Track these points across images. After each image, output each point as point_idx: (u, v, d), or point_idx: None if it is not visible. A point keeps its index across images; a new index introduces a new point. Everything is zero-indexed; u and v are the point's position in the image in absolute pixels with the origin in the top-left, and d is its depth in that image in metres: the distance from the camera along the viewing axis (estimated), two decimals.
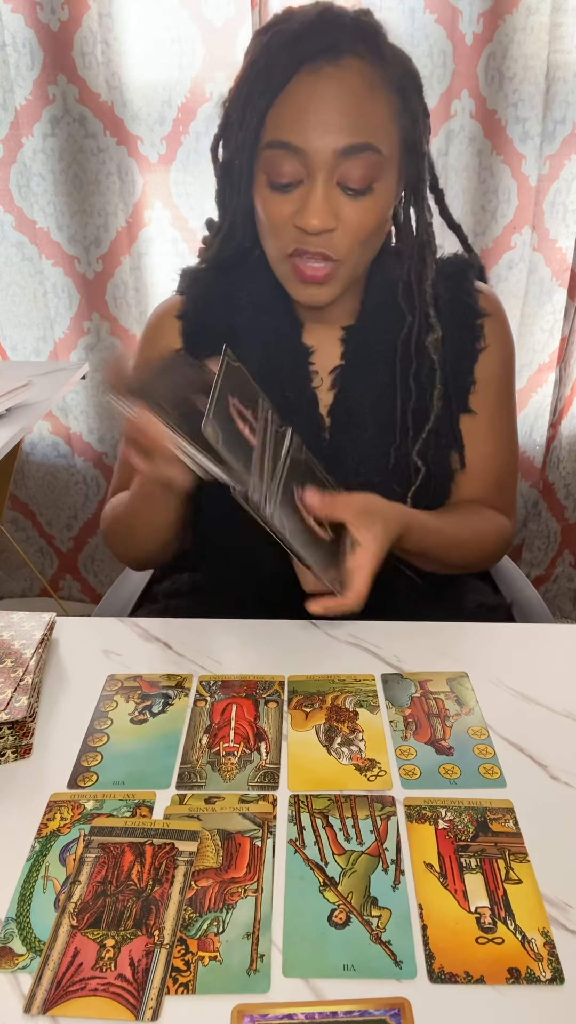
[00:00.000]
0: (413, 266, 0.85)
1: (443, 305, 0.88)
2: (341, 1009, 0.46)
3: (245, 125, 0.77)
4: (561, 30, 1.43)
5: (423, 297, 0.86)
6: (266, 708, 0.70)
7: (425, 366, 0.87)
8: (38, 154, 1.60)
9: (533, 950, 0.49)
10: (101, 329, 1.76)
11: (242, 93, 0.77)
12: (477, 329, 0.90)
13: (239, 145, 0.78)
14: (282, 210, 0.77)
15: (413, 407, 0.88)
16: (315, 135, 0.73)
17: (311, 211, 0.75)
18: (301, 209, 0.76)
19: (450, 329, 0.88)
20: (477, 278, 0.93)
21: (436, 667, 0.75)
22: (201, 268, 0.94)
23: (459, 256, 0.93)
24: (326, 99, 0.73)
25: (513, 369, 0.95)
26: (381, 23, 0.77)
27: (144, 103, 1.55)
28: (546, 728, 0.67)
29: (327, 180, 0.75)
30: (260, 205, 0.79)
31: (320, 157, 0.73)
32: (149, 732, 0.68)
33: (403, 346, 0.87)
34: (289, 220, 0.77)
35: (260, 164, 0.77)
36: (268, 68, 0.75)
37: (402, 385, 0.88)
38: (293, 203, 0.76)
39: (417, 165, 0.81)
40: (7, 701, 0.64)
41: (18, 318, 1.78)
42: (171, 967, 0.48)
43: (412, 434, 0.88)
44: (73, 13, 1.47)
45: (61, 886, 0.54)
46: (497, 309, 0.92)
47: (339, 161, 0.74)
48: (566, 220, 1.59)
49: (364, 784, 0.62)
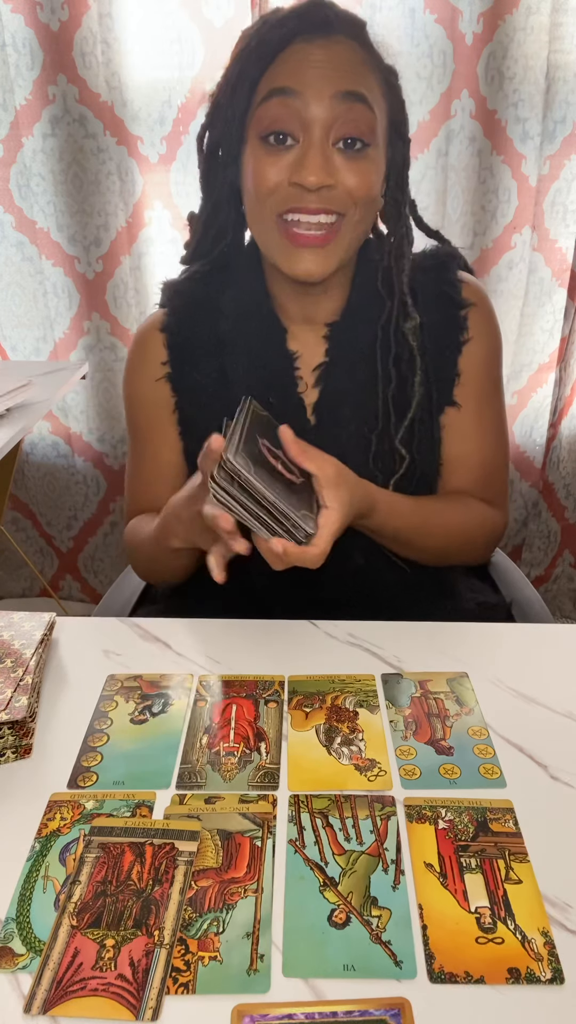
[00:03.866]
0: (393, 251, 0.86)
1: (425, 296, 0.88)
2: (341, 1009, 0.46)
3: (237, 94, 0.78)
4: (561, 30, 1.43)
5: (401, 284, 0.86)
6: (266, 708, 0.70)
7: (405, 353, 0.87)
8: (38, 154, 1.60)
9: (533, 950, 0.49)
10: (101, 329, 1.76)
11: (232, 74, 0.79)
12: (461, 320, 0.90)
13: (230, 116, 0.78)
14: (277, 169, 0.77)
15: (394, 393, 0.87)
16: (312, 78, 0.75)
17: (309, 167, 0.75)
18: (298, 167, 0.76)
19: (433, 320, 0.88)
20: (461, 269, 0.93)
21: (436, 667, 0.75)
22: (182, 279, 0.94)
23: (441, 248, 0.93)
24: (322, 56, 0.75)
25: (500, 360, 0.95)
26: (364, 20, 0.80)
27: (144, 103, 1.55)
28: (546, 728, 0.67)
29: (323, 137, 0.75)
30: (253, 169, 0.78)
31: (317, 106, 0.74)
32: (149, 732, 0.68)
33: (383, 331, 0.87)
34: (282, 182, 0.77)
35: (253, 126, 0.78)
36: (260, 44, 0.77)
37: (383, 371, 0.88)
38: (288, 164, 0.77)
39: (402, 149, 0.83)
40: (7, 701, 0.64)
41: (18, 318, 1.78)
42: (171, 967, 0.48)
43: (395, 420, 0.87)
44: (73, 13, 1.47)
45: (61, 886, 0.54)
46: (481, 299, 0.91)
47: (335, 111, 0.75)
48: (566, 220, 1.59)
49: (364, 784, 0.62)
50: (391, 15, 1.42)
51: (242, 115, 0.78)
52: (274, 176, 0.77)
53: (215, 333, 0.90)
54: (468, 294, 0.90)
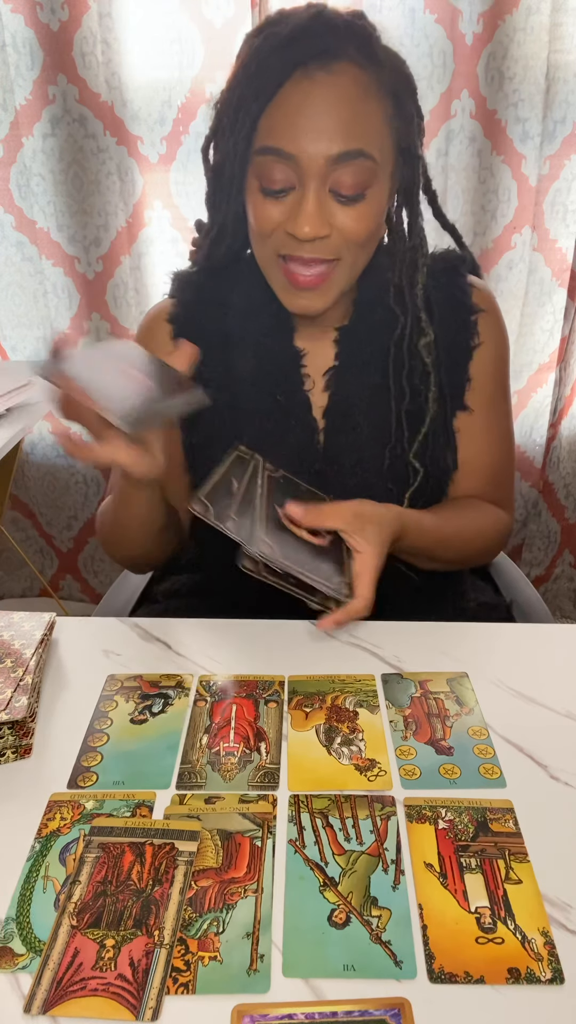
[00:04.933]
0: (404, 269, 0.85)
1: (436, 302, 0.88)
2: (341, 1009, 0.46)
3: (237, 130, 0.76)
4: (561, 30, 1.43)
5: (414, 300, 0.86)
6: (266, 708, 0.70)
7: (418, 368, 0.87)
8: (38, 154, 1.60)
9: (533, 950, 0.49)
10: (101, 329, 1.76)
11: (234, 97, 0.77)
12: (471, 326, 0.90)
13: (231, 150, 0.77)
14: (274, 216, 0.77)
15: (407, 408, 0.87)
16: (307, 142, 0.72)
17: (303, 219, 0.74)
18: (293, 216, 0.75)
19: (443, 326, 0.88)
20: (470, 272, 0.93)
21: (436, 667, 0.75)
22: (192, 271, 0.94)
23: (451, 251, 0.93)
24: (318, 105, 0.72)
25: (507, 364, 0.95)
26: (375, 25, 0.77)
27: (144, 103, 1.55)
28: (546, 728, 0.67)
29: (319, 187, 0.74)
30: (252, 210, 0.78)
31: (312, 164, 0.73)
32: (149, 732, 0.68)
33: (395, 348, 0.87)
34: (280, 226, 0.77)
35: (252, 169, 0.77)
36: (260, 72, 0.74)
37: (395, 386, 0.87)
38: (285, 209, 0.76)
39: (411, 169, 0.81)
40: (7, 701, 0.64)
41: (18, 318, 1.78)
42: (171, 967, 0.48)
43: (408, 435, 0.88)
44: (73, 13, 1.47)
45: (61, 886, 0.54)
46: (491, 305, 0.92)
47: (331, 168, 0.73)
48: (566, 220, 1.58)
49: (364, 784, 0.62)
50: (391, 15, 1.42)
51: (243, 154, 0.77)
52: (274, 219, 0.77)
53: (222, 327, 0.90)
54: (478, 300, 0.90)
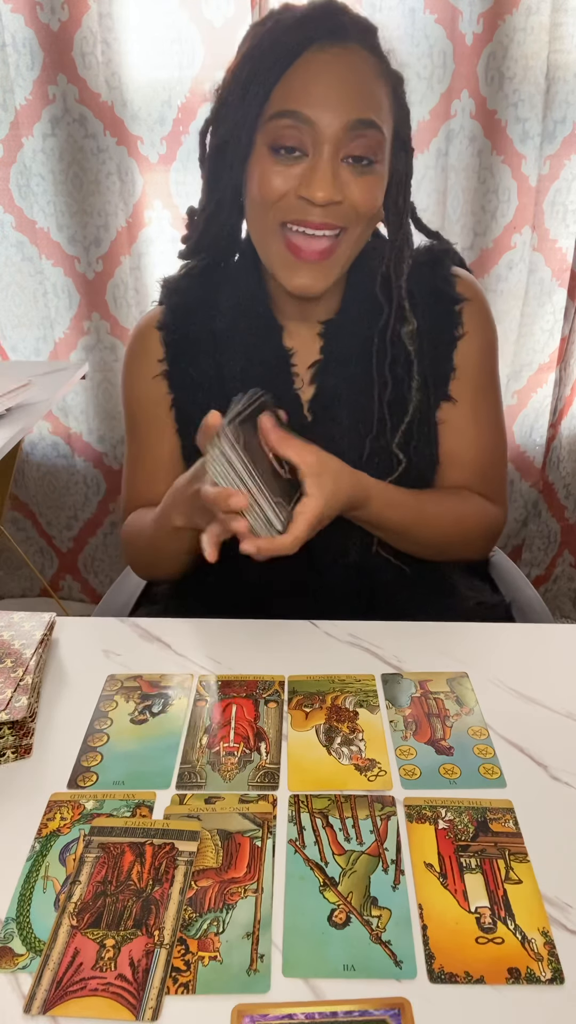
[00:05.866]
0: (393, 258, 0.86)
1: (420, 293, 0.88)
2: (341, 1009, 0.46)
3: (248, 100, 0.77)
4: (561, 30, 1.43)
5: (399, 290, 0.86)
6: (266, 708, 0.70)
7: (401, 357, 0.87)
8: (38, 154, 1.60)
9: (533, 950, 0.49)
10: (101, 329, 1.76)
11: (243, 73, 0.77)
12: (455, 315, 0.90)
13: (240, 119, 0.78)
14: (284, 179, 0.77)
15: (390, 398, 0.87)
16: (325, 107, 0.74)
17: (318, 183, 0.75)
18: (307, 181, 0.76)
19: (428, 316, 0.88)
20: (455, 264, 0.93)
21: (436, 667, 0.75)
22: (181, 276, 0.94)
23: (435, 244, 0.93)
24: (336, 74, 0.74)
25: (495, 355, 0.95)
26: (376, 25, 0.80)
27: (144, 103, 1.55)
28: (546, 728, 0.67)
29: (334, 153, 0.75)
30: (259, 176, 0.78)
31: (329, 131, 0.74)
32: (149, 732, 0.68)
33: (379, 337, 0.87)
34: (291, 191, 0.77)
35: (262, 136, 0.77)
36: (274, 48, 0.76)
37: (378, 376, 0.88)
38: (296, 175, 0.76)
39: (405, 159, 0.83)
40: (7, 701, 0.64)
41: (18, 318, 1.78)
42: (171, 967, 0.48)
43: (391, 425, 0.87)
44: (73, 13, 1.47)
45: (61, 886, 0.54)
46: (476, 294, 0.91)
47: (347, 135, 0.75)
48: (566, 220, 1.59)
49: (364, 784, 0.62)
50: (391, 15, 1.42)
51: (253, 121, 0.77)
52: (281, 185, 0.77)
53: (211, 330, 0.90)
54: (462, 289, 0.90)
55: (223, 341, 0.90)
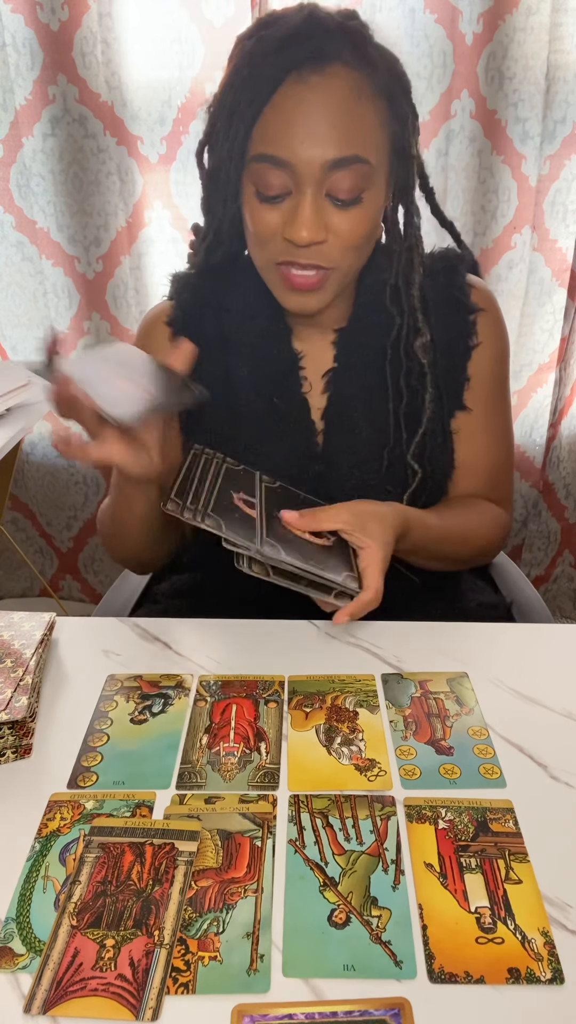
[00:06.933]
0: (400, 269, 0.85)
1: (434, 302, 0.88)
2: (341, 1009, 0.46)
3: (231, 136, 0.76)
4: (561, 30, 1.43)
5: (411, 300, 0.86)
6: (266, 708, 0.70)
7: (415, 369, 0.87)
8: (38, 154, 1.60)
9: (533, 950, 0.49)
10: (101, 329, 1.76)
11: (227, 102, 0.76)
12: (470, 325, 0.90)
13: (226, 155, 0.77)
14: (271, 221, 0.77)
15: (405, 409, 0.87)
16: (302, 148, 0.72)
17: (300, 224, 0.74)
18: (290, 222, 0.75)
19: (442, 326, 0.88)
20: (469, 271, 0.92)
21: (436, 667, 0.75)
22: (191, 273, 0.93)
23: (449, 250, 0.92)
24: (313, 111, 0.72)
25: (507, 364, 0.95)
26: (367, 24, 0.76)
27: (144, 103, 1.55)
28: (546, 728, 0.67)
29: (315, 193, 0.74)
30: (248, 216, 0.78)
31: (308, 171, 0.73)
32: (149, 732, 0.68)
33: (392, 349, 0.87)
34: (278, 231, 0.77)
35: (248, 175, 0.77)
36: (253, 78, 0.74)
37: (393, 387, 0.87)
38: (282, 214, 0.76)
39: (406, 169, 0.81)
40: (7, 701, 0.64)
41: (18, 318, 1.78)
42: (171, 967, 0.48)
43: (406, 436, 0.88)
44: (73, 13, 1.47)
45: (61, 886, 0.54)
46: (490, 304, 0.91)
47: (327, 174, 0.73)
48: (566, 220, 1.58)
49: (364, 784, 0.62)
50: (391, 15, 1.42)
51: (239, 160, 0.77)
52: (271, 224, 0.77)
53: (220, 330, 0.90)
54: (477, 299, 0.90)
55: (232, 342, 0.89)
